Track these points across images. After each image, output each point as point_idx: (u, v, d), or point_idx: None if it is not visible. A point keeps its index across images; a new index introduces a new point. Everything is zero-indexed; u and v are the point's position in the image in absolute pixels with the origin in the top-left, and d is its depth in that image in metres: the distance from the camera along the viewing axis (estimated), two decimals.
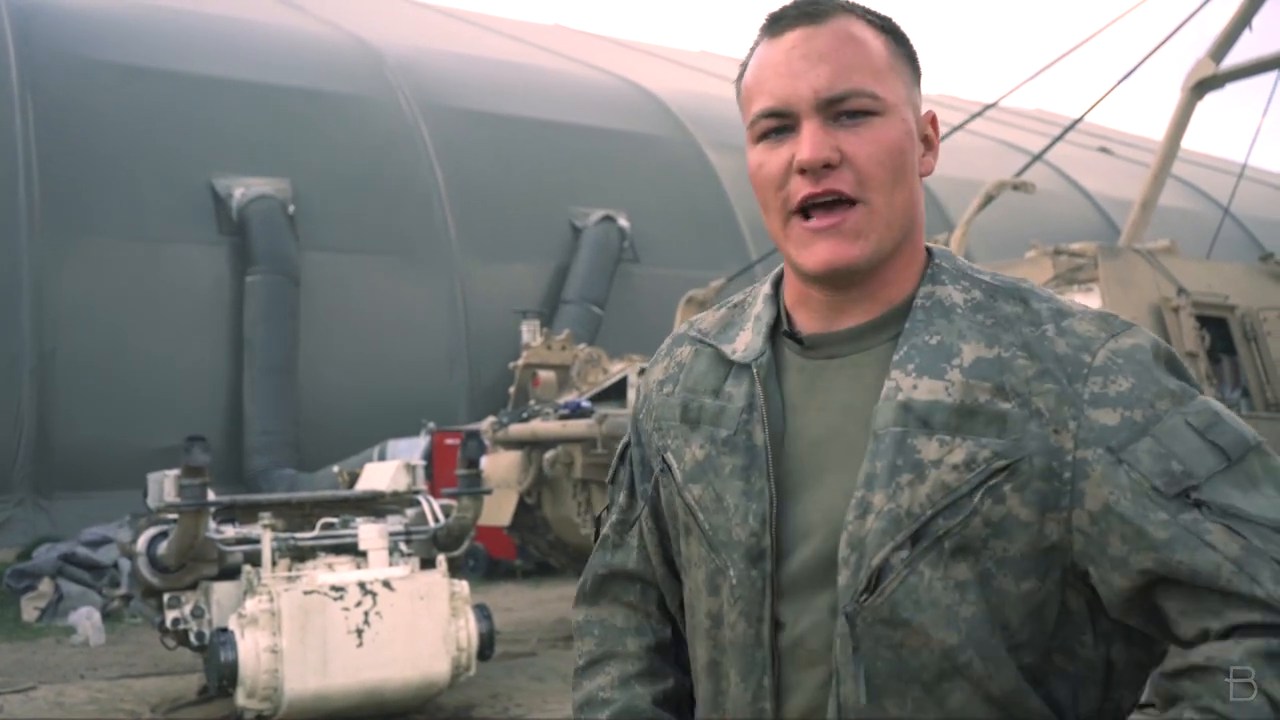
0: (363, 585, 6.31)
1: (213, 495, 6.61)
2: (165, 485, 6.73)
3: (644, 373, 1.46)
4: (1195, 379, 1.19)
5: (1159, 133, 11.28)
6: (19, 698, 7.48)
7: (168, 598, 6.67)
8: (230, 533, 6.97)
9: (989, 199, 9.02)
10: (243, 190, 17.10)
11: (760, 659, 1.21)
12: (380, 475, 7.80)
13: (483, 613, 6.75)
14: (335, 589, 6.27)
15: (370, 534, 6.69)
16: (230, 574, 6.66)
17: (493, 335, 17.58)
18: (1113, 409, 1.12)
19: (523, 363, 10.70)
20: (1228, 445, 1.11)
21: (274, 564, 6.38)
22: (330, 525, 7.08)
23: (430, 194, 19.01)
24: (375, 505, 7.50)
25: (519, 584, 12.90)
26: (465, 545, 7.37)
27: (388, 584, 6.36)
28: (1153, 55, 10.38)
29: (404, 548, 6.91)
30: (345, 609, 6.24)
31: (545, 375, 10.51)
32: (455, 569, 7.00)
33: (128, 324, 15.90)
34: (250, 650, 6.08)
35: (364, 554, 6.63)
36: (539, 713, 6.85)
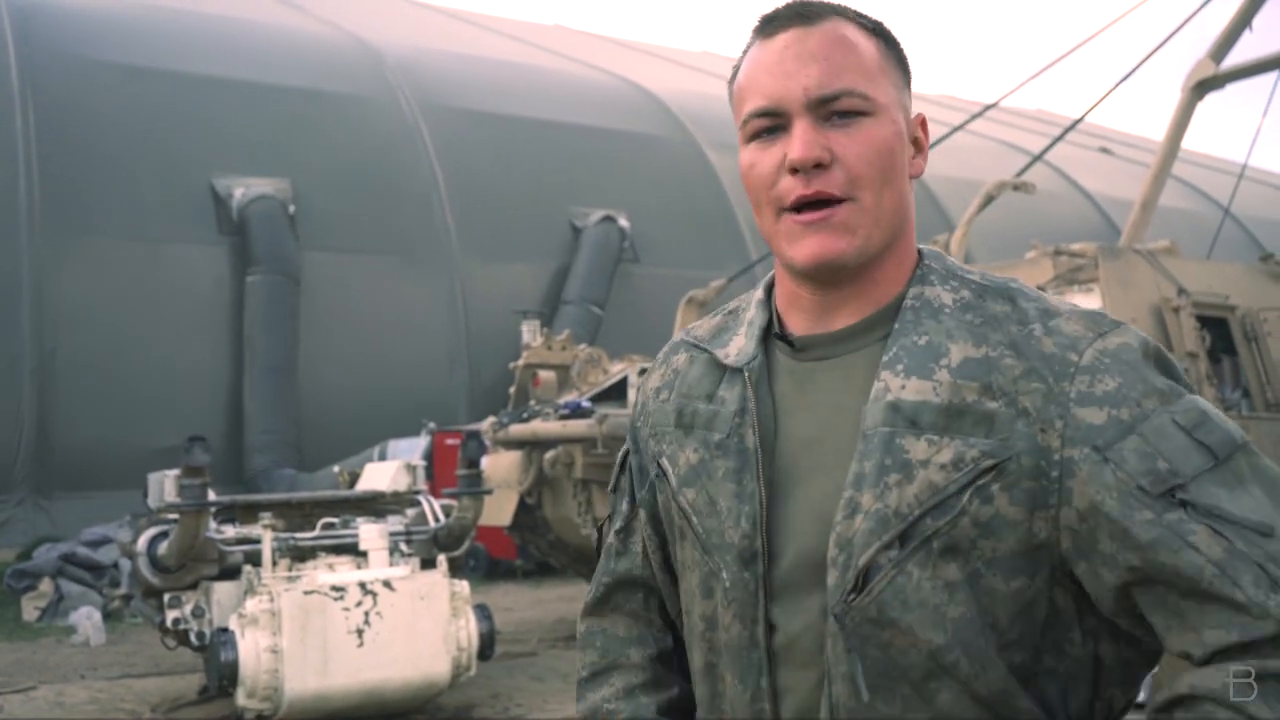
0: (363, 585, 6.32)
1: (213, 495, 6.62)
2: (166, 485, 6.74)
3: (644, 373, 1.47)
4: (1185, 378, 1.19)
5: (1159, 133, 11.28)
6: (19, 697, 7.49)
7: (168, 598, 6.67)
8: (230, 533, 6.97)
9: (989, 199, 9.02)
10: (243, 190, 17.11)
11: (756, 660, 1.22)
12: (381, 475, 7.80)
13: (483, 613, 6.76)
14: (336, 589, 6.27)
15: (371, 534, 6.69)
16: (231, 574, 6.67)
17: (493, 335, 17.59)
18: (1099, 408, 1.12)
19: (523, 363, 10.70)
20: (1215, 444, 1.11)
21: (274, 564, 6.39)
22: (331, 525, 7.08)
23: (430, 194, 19.01)
24: (376, 505, 7.50)
25: (519, 584, 12.91)
26: (466, 545, 7.38)
27: (388, 584, 6.37)
28: (1153, 55, 10.39)
29: (404, 548, 6.92)
30: (346, 609, 6.24)
31: (545, 375, 10.51)
32: (456, 569, 7.00)
33: (128, 324, 15.90)
34: (250, 650, 6.09)
35: (364, 554, 6.64)
36: (539, 713, 6.85)
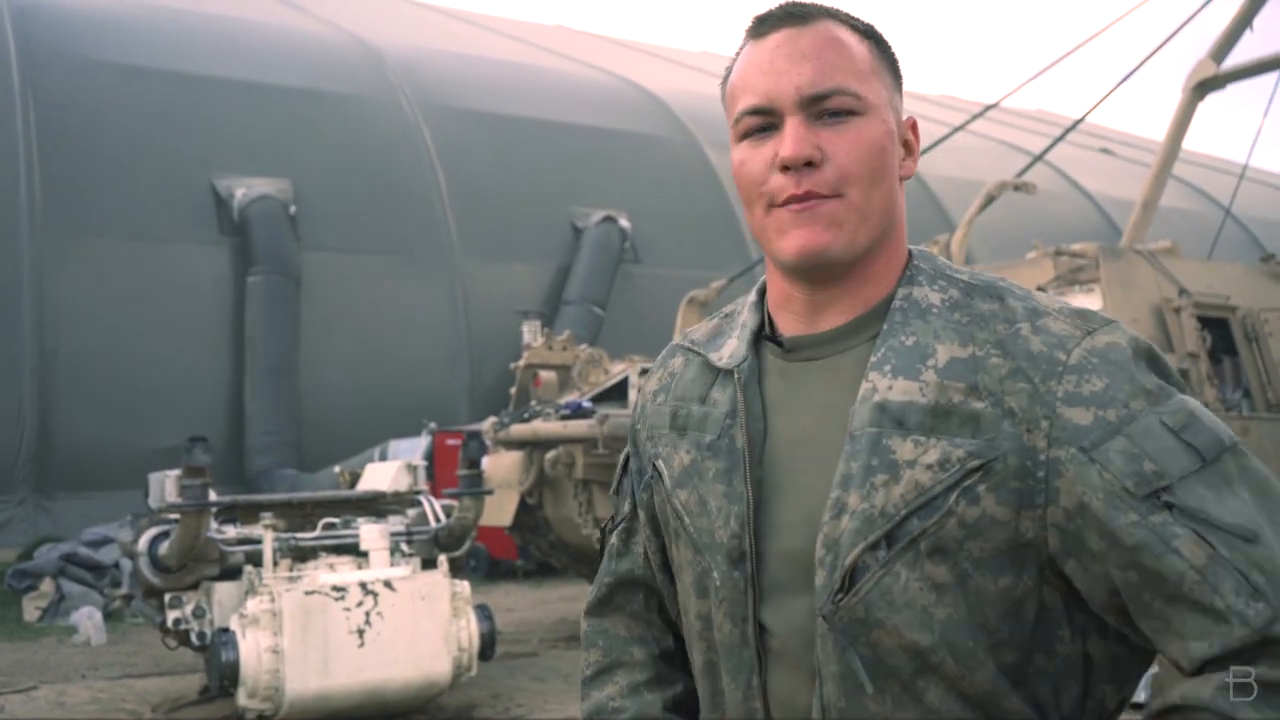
0: (364, 585, 6.32)
1: (214, 495, 6.62)
2: (167, 485, 6.73)
3: (644, 374, 1.48)
4: (1177, 376, 1.19)
5: (1160, 133, 11.28)
6: (20, 697, 7.49)
7: (169, 598, 6.67)
8: (231, 533, 6.98)
9: (990, 199, 9.02)
10: (244, 190, 17.11)
11: (747, 659, 1.23)
12: (381, 475, 7.80)
13: (484, 613, 6.76)
14: (337, 589, 6.27)
15: (371, 534, 6.69)
16: (231, 574, 6.67)
17: (494, 335, 17.59)
18: (1086, 408, 1.12)
19: (524, 363, 10.70)
20: (1202, 445, 1.10)
21: (275, 564, 6.39)
22: (331, 525, 7.08)
23: (431, 194, 19.01)
24: (376, 505, 7.51)
25: (520, 584, 12.91)
26: (466, 545, 7.38)
27: (389, 584, 6.37)
28: (1154, 56, 10.39)
29: (405, 548, 6.92)
30: (346, 609, 6.24)
31: (546, 376, 10.51)
32: (456, 569, 7.00)
33: (129, 324, 15.91)
34: (251, 650, 6.09)
35: (365, 554, 6.64)
36: (540, 713, 6.85)
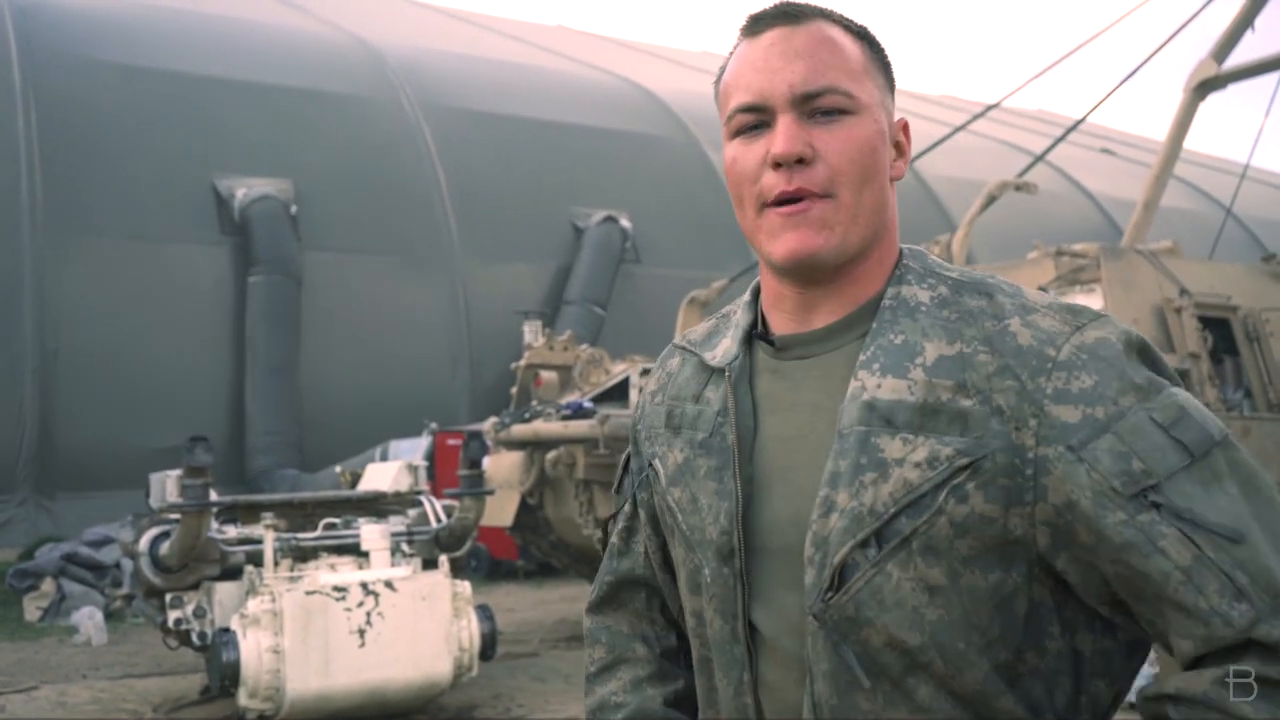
0: (365, 585, 6.32)
1: (215, 495, 6.62)
2: (167, 485, 6.73)
3: (645, 374, 1.49)
4: (1170, 369, 1.18)
5: (1161, 133, 11.28)
6: (21, 697, 7.49)
7: (170, 598, 6.67)
8: (232, 533, 6.98)
9: (991, 199, 9.02)
10: (245, 190, 17.12)
11: (738, 655, 1.24)
12: (382, 476, 7.80)
13: (485, 613, 6.76)
14: (337, 589, 6.27)
15: (372, 534, 6.69)
16: (232, 574, 6.67)
17: (494, 335, 17.59)
18: (1074, 406, 1.12)
19: (525, 363, 10.70)
20: (1191, 441, 1.10)
21: (276, 564, 6.39)
22: (332, 525, 7.08)
23: (432, 194, 19.02)
24: (377, 506, 7.51)
25: (521, 584, 12.91)
26: (467, 546, 7.38)
27: (390, 584, 6.37)
28: (1155, 56, 10.38)
29: (406, 548, 6.92)
30: (347, 609, 6.24)
31: (547, 376, 10.51)
32: (457, 569, 7.00)
33: (130, 324, 15.91)
34: (252, 650, 6.09)
35: (366, 554, 6.64)
36: (541, 713, 6.85)
